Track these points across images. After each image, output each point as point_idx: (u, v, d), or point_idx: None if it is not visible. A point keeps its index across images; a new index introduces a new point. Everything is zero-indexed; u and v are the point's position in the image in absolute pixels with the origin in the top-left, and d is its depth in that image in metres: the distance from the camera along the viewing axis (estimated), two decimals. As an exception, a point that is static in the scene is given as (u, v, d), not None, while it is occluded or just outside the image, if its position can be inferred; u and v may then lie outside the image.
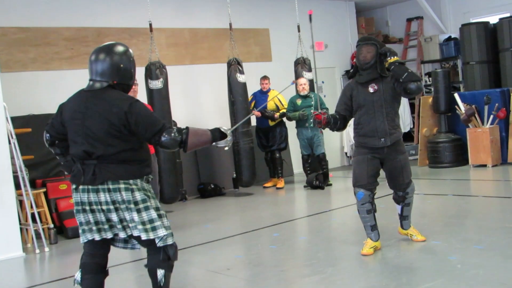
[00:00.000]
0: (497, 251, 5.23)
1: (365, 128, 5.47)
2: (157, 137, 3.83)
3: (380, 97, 5.40)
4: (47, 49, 9.15)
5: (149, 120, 3.82)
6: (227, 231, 7.32)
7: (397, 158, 5.51)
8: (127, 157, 3.83)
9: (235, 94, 9.80)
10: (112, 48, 3.94)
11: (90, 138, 3.78)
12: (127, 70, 3.94)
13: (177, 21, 10.71)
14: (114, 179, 3.77)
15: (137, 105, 3.83)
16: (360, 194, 5.48)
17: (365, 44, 5.45)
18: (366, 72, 5.45)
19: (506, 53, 11.42)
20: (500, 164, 10.48)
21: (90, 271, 3.99)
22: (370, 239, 5.58)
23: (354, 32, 13.85)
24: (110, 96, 3.82)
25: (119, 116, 3.74)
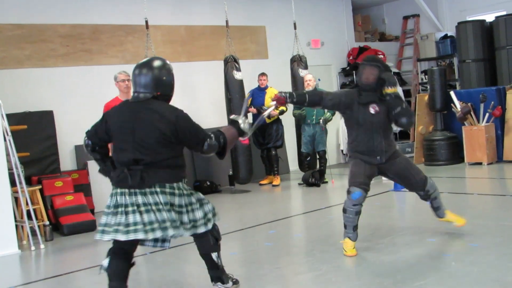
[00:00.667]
0: (492, 249, 5.25)
1: (362, 146, 5.52)
2: (200, 145, 4.20)
3: (380, 119, 5.45)
4: (42, 46, 9.13)
5: (194, 130, 4.17)
6: (222, 228, 7.25)
7: (396, 160, 5.56)
8: (172, 163, 4.14)
9: (232, 91, 9.80)
10: (153, 62, 4.31)
11: (140, 146, 4.05)
12: (168, 82, 4.26)
13: (174, 18, 10.70)
14: (161, 182, 4.06)
15: (184, 115, 4.16)
16: (357, 194, 5.39)
17: (369, 65, 5.47)
18: (366, 94, 5.47)
19: (502, 51, 11.45)
20: (495, 162, 10.51)
21: (118, 258, 4.22)
22: (349, 238, 5.51)
23: (351, 30, 13.86)
24: (158, 107, 4.12)
25: (168, 126, 4.04)
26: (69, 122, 9.25)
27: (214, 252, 4.44)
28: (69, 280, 5.65)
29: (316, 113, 9.90)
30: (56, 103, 9.08)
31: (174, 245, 6.54)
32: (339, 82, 13.41)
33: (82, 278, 5.73)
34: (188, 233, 4.21)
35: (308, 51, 12.04)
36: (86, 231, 7.77)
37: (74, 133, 9.28)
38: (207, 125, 10.78)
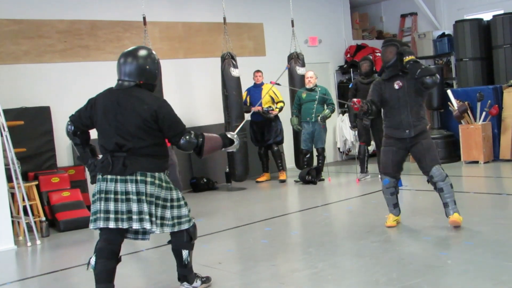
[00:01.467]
0: (487, 247, 5.26)
1: (392, 121, 6.08)
2: (178, 138, 4.29)
3: (405, 93, 5.98)
4: (40, 42, 9.11)
5: (173, 121, 4.26)
6: (219, 225, 7.32)
7: (421, 141, 6.02)
8: (154, 152, 4.23)
9: (229, 88, 9.80)
10: (138, 51, 4.37)
11: (122, 131, 4.16)
12: (152, 72, 4.35)
13: (171, 14, 10.68)
14: (142, 170, 4.15)
15: (166, 104, 4.27)
16: (386, 181, 6.23)
17: (386, 46, 6.13)
18: (389, 70, 6.07)
19: (499, 50, 11.46)
20: (492, 161, 10.53)
21: (105, 257, 4.26)
22: (392, 214, 6.35)
23: (348, 28, 13.86)
24: (141, 94, 4.24)
25: (150, 112, 4.14)
26: (66, 118, 9.00)
27: (185, 250, 4.48)
28: (66, 276, 5.65)
29: (315, 111, 9.91)
30: (53, 99, 9.06)
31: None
32: (336, 80, 13.41)
33: (78, 274, 5.73)
34: (153, 227, 4.21)
35: (306, 49, 12.04)
36: (82, 227, 7.76)
37: (71, 129, 9.27)
38: (203, 122, 10.83)
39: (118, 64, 4.37)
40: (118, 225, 4.15)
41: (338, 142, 12.93)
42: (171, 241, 4.51)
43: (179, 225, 4.36)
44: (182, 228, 4.38)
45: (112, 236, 4.27)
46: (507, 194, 7.89)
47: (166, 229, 4.30)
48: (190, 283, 4.61)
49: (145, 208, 4.14)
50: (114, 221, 4.14)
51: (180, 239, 4.44)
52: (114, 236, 4.29)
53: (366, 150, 10.02)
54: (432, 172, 5.99)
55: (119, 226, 4.15)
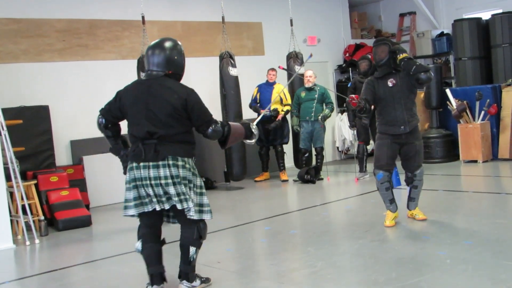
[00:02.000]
0: (486, 246, 5.26)
1: (386, 118, 6.18)
2: (205, 126, 4.45)
3: (398, 90, 6.09)
4: (39, 41, 9.11)
5: (202, 110, 4.43)
6: (218, 224, 7.31)
7: (414, 143, 6.19)
8: (183, 138, 4.38)
9: (227, 87, 9.79)
10: (166, 42, 4.53)
11: (153, 119, 4.29)
12: (179, 62, 4.56)
13: (170, 14, 10.68)
14: (174, 155, 4.30)
15: (195, 94, 4.44)
16: (380, 175, 6.21)
17: (378, 45, 6.21)
18: (381, 68, 6.16)
19: (498, 49, 11.47)
20: (490, 160, 10.53)
21: (150, 240, 4.53)
22: (390, 211, 6.35)
23: (347, 27, 13.86)
24: (171, 84, 4.42)
25: (180, 101, 4.31)
26: (65, 117, 9.25)
27: (193, 247, 4.55)
28: (64, 276, 5.64)
29: (314, 110, 9.91)
30: (52, 98, 9.07)
31: (169, 241, 6.55)
32: (335, 79, 13.41)
33: (77, 273, 5.73)
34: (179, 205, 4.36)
35: (305, 48, 12.04)
36: (81, 226, 7.77)
37: (69, 128, 9.28)
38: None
39: (146, 56, 4.50)
40: (162, 207, 4.37)
41: (337, 141, 12.94)
42: (181, 236, 4.59)
43: (201, 213, 4.49)
44: (203, 217, 4.51)
45: (151, 220, 4.52)
46: (506, 193, 7.90)
47: (192, 213, 4.41)
48: (190, 282, 4.63)
49: (183, 189, 4.31)
50: (158, 203, 4.36)
51: (191, 235, 4.52)
52: (154, 221, 4.53)
53: (365, 149, 10.03)
54: (417, 173, 6.31)
55: (162, 207, 4.38)
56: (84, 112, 9.23)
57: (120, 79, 9.64)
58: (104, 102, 4.43)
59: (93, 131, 8.92)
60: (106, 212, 8.88)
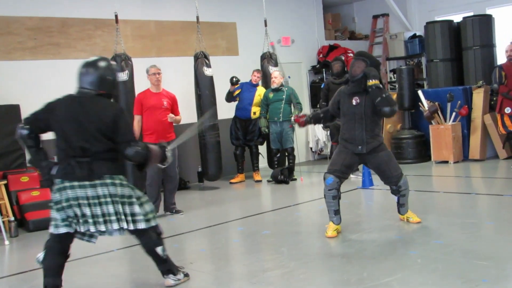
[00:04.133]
0: (457, 246, 5.32)
1: (346, 134, 6.05)
2: (125, 145, 4.36)
3: (361, 110, 5.93)
4: (9, 39, 8.97)
5: (127, 129, 4.42)
6: (191, 224, 7.30)
7: (378, 154, 6.00)
8: (114, 156, 4.38)
9: (202, 87, 9.77)
10: (99, 62, 4.53)
11: (86, 136, 4.27)
12: (112, 82, 4.54)
13: (143, 13, 10.61)
14: (110, 174, 4.31)
15: (124, 112, 4.47)
16: (329, 180, 5.96)
17: (356, 59, 6.05)
18: (353, 84, 6.02)
19: (469, 52, 11.60)
20: (461, 161, 10.65)
21: (54, 253, 4.45)
22: (332, 222, 6.09)
23: (321, 28, 13.91)
24: (103, 102, 4.43)
25: (111, 118, 4.31)
26: None
27: (158, 246, 4.56)
28: (34, 277, 5.55)
29: (282, 111, 9.90)
30: (23, 97, 8.93)
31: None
32: (309, 79, 13.45)
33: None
34: (128, 225, 4.39)
35: (279, 49, 12.05)
36: (52, 227, 7.68)
37: (41, 128, 9.15)
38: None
39: (78, 73, 4.50)
40: (98, 228, 4.37)
41: (310, 141, 12.97)
42: (142, 245, 4.60)
43: (148, 222, 4.47)
44: (151, 224, 4.49)
45: (65, 237, 4.44)
46: (476, 194, 8.00)
47: (140, 225, 4.41)
48: (175, 275, 4.72)
49: (124, 209, 4.35)
50: (94, 225, 4.35)
51: (149, 239, 4.53)
52: (66, 238, 4.46)
53: (338, 150, 10.06)
54: (401, 184, 6.09)
55: (99, 229, 4.38)
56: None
57: (93, 78, 9.63)
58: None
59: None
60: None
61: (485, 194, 8.02)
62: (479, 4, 12.54)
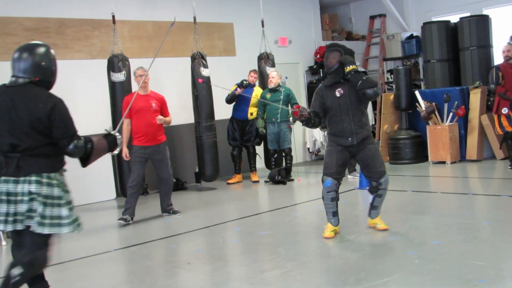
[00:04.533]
0: (454, 246, 5.33)
1: (334, 128, 5.97)
2: (66, 141, 4.04)
3: (346, 100, 5.87)
4: (6, 39, 8.96)
5: (66, 123, 4.05)
6: (188, 225, 7.30)
7: (367, 146, 5.93)
8: (48, 152, 4.03)
9: (199, 88, 9.76)
10: (34, 47, 4.21)
11: (17, 131, 3.96)
12: (48, 68, 4.19)
13: (141, 13, 10.61)
14: (38, 172, 3.96)
15: (62, 105, 4.07)
16: (328, 183, 5.91)
17: (330, 51, 6.01)
18: (331, 76, 5.97)
19: (466, 52, 11.61)
20: (458, 161, 10.66)
21: None
22: (331, 223, 6.04)
23: (318, 28, 13.92)
24: (36, 93, 4.06)
25: (45, 111, 3.96)
26: None
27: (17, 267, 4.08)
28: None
29: (280, 112, 9.90)
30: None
31: (138, 242, 6.53)
32: (306, 80, 13.46)
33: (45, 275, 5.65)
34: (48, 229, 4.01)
35: (276, 49, 12.07)
36: (49, 227, 7.66)
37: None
38: (173, 122, 10.72)
39: (12, 60, 4.18)
40: (5, 228, 4.00)
41: (307, 142, 12.97)
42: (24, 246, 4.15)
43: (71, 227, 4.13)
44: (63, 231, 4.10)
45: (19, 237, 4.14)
46: (473, 194, 8.01)
47: (64, 229, 4.07)
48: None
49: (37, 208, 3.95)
50: (4, 223, 3.97)
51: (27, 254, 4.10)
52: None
53: (335, 150, 10.06)
54: (382, 181, 5.97)
55: (6, 228, 4.01)
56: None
57: (90, 78, 9.63)
58: (74, 101, 4.37)
59: None
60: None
61: (482, 195, 8.03)
62: (476, 4, 12.57)
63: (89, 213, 8.76)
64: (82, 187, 9.01)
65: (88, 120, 7.41)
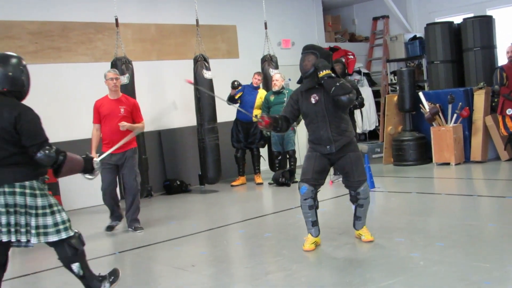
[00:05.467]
0: (459, 248, 5.32)
1: (312, 136, 5.72)
2: (35, 148, 4.02)
3: (322, 107, 5.55)
4: (10, 43, 8.97)
5: (33, 130, 4.06)
6: (192, 227, 7.30)
7: (347, 154, 5.64)
8: (20, 160, 4.02)
9: (201, 90, 9.76)
10: (3, 58, 4.19)
11: None
12: (15, 78, 4.18)
13: (144, 16, 10.62)
14: (9, 182, 3.96)
15: (28, 112, 4.10)
16: (303, 189, 5.64)
17: (305, 54, 5.67)
18: (307, 80, 5.65)
19: (469, 53, 11.59)
20: (463, 163, 10.63)
21: None
22: (311, 234, 5.72)
23: (321, 30, 13.93)
24: (3, 102, 4.07)
25: (9, 121, 3.97)
26: None
27: (74, 263, 4.28)
28: (37, 280, 5.57)
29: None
30: (24, 100, 8.93)
31: (143, 245, 6.53)
32: (309, 82, 13.43)
33: (50, 278, 5.65)
34: (36, 239, 4.09)
35: (279, 51, 12.06)
36: (53, 230, 7.66)
37: (43, 131, 9.15)
38: (176, 124, 10.78)
39: None
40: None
41: (311, 144, 12.95)
42: (58, 256, 4.31)
43: (59, 233, 4.16)
44: (62, 236, 4.17)
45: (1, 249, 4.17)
46: (477, 195, 7.99)
47: (51, 237, 4.12)
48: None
49: (14, 220, 4.00)
50: None
51: (64, 253, 4.24)
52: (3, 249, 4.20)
53: (338, 152, 10.03)
54: (360, 190, 5.70)
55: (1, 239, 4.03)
56: (56, 115, 9.12)
57: (93, 82, 9.62)
58: (77, 105, 4.35)
59: (65, 134, 8.90)
60: (80, 216, 8.79)
61: (487, 196, 8.00)
62: (479, 5, 12.56)
63: (93, 215, 8.77)
64: (86, 190, 9.03)
65: (91, 123, 7.38)
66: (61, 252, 4.23)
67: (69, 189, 9.11)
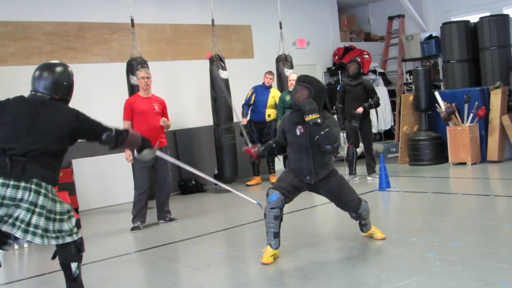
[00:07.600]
0: (475, 248, 5.28)
1: (293, 165, 5.56)
2: (99, 137, 4.44)
3: (306, 140, 5.40)
4: (27, 44, 9.06)
5: (93, 126, 4.43)
6: (208, 227, 7.31)
7: (329, 180, 5.53)
8: (53, 165, 4.24)
9: (217, 90, 9.78)
10: (55, 67, 4.50)
11: (36, 138, 4.13)
12: (67, 87, 4.49)
13: (159, 16, 10.66)
14: (40, 179, 4.10)
15: (82, 114, 4.40)
16: (274, 196, 5.39)
17: (299, 86, 5.44)
18: (296, 114, 5.47)
19: (486, 52, 11.52)
20: (479, 162, 10.56)
21: None
22: (270, 246, 5.46)
23: (336, 30, 13.91)
24: (60, 106, 4.35)
25: (69, 123, 4.27)
26: None
27: (74, 262, 4.32)
28: (52, 280, 5.60)
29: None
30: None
31: (158, 244, 6.55)
32: (324, 82, 13.43)
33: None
34: (52, 242, 4.16)
35: (294, 51, 12.06)
36: (70, 230, 7.71)
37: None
38: (192, 124, 10.81)
39: (33, 76, 4.41)
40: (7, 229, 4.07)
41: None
42: (58, 254, 4.35)
43: (63, 238, 4.22)
44: (66, 241, 4.23)
45: None
46: (494, 195, 7.93)
47: (52, 241, 4.18)
48: None
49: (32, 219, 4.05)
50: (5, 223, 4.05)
51: (68, 251, 4.29)
52: None
53: (354, 152, 10.02)
54: (361, 211, 5.63)
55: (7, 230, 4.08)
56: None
57: (109, 82, 9.70)
58: (93, 105, 4.45)
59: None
60: (96, 216, 8.84)
61: (503, 196, 7.94)
62: (496, 4, 12.47)
63: (109, 215, 8.82)
64: (102, 189, 9.09)
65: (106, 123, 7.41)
66: (66, 251, 4.30)
67: (85, 189, 9.17)
